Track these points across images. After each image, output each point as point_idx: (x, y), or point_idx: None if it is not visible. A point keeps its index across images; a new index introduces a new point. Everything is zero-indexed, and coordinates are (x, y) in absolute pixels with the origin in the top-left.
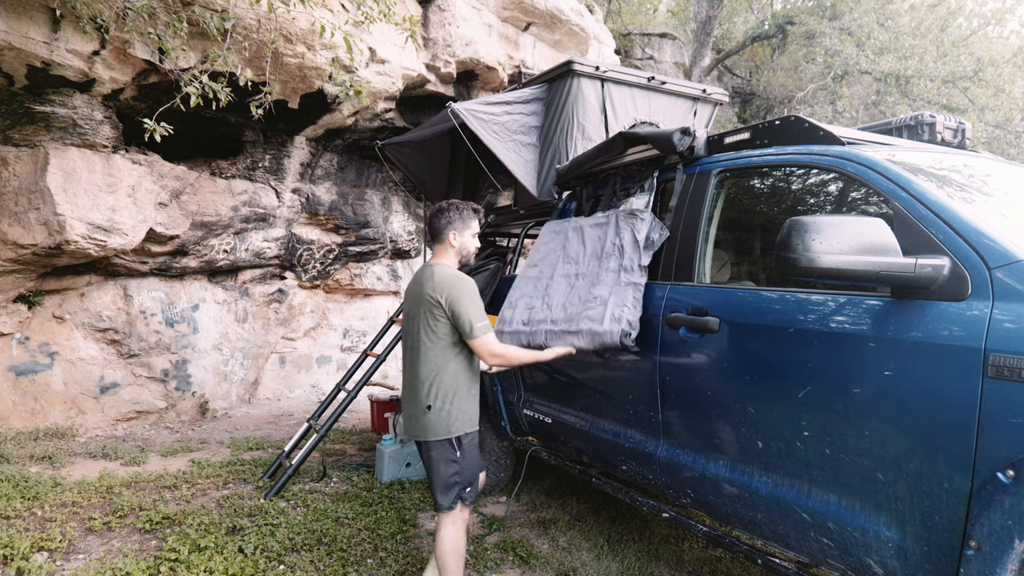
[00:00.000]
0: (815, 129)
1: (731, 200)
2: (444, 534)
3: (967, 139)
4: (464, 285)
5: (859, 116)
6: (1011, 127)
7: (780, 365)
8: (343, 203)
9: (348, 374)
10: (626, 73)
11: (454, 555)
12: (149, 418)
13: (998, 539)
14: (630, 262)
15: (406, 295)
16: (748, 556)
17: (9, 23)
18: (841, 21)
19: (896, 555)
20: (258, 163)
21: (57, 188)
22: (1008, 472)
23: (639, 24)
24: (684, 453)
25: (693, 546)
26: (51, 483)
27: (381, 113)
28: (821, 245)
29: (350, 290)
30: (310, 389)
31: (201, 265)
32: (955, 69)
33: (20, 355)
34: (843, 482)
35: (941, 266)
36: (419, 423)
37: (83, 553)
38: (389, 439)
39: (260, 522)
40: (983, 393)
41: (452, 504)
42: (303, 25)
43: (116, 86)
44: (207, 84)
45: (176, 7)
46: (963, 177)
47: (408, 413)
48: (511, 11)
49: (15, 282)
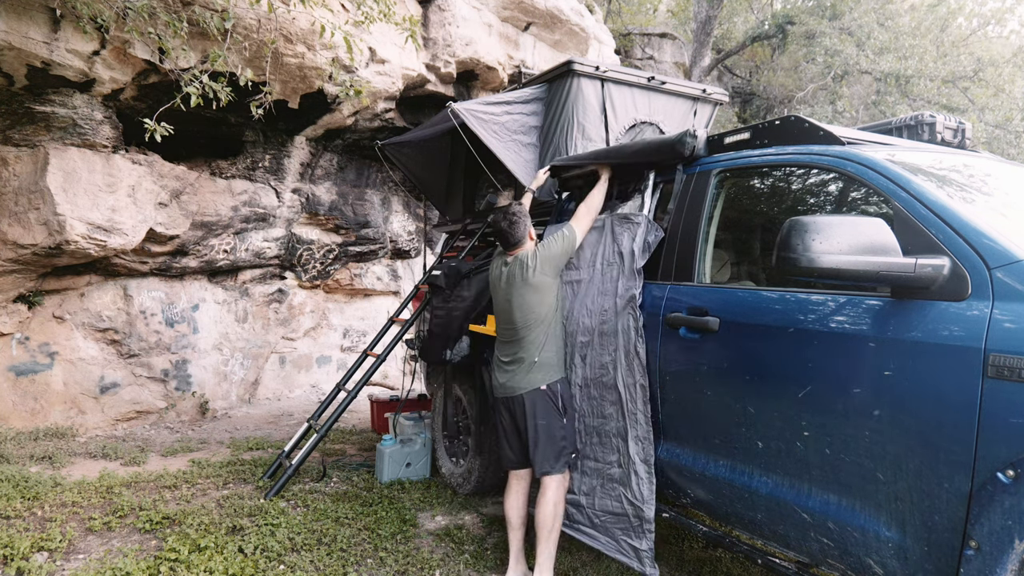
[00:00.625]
0: (815, 129)
1: (731, 200)
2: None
3: (967, 139)
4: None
5: (859, 116)
6: (1011, 127)
7: (780, 365)
8: (343, 203)
9: (348, 374)
10: (626, 73)
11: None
12: (149, 418)
13: (998, 539)
14: (629, 271)
15: (495, 287)
16: (748, 556)
17: (9, 23)
18: (841, 21)
19: (896, 555)
20: (258, 163)
21: (57, 188)
22: (1008, 472)
23: (639, 24)
24: (684, 453)
25: (693, 546)
26: (51, 483)
27: (381, 113)
28: (821, 245)
29: (350, 290)
30: (310, 389)
31: (201, 265)
32: (955, 69)
33: (20, 355)
34: (843, 482)
35: (941, 266)
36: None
37: (83, 553)
38: (389, 439)
39: (260, 522)
40: (983, 393)
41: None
42: (303, 25)
43: (116, 86)
44: (207, 84)
45: (176, 7)
46: (963, 177)
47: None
48: (511, 11)
49: (15, 282)
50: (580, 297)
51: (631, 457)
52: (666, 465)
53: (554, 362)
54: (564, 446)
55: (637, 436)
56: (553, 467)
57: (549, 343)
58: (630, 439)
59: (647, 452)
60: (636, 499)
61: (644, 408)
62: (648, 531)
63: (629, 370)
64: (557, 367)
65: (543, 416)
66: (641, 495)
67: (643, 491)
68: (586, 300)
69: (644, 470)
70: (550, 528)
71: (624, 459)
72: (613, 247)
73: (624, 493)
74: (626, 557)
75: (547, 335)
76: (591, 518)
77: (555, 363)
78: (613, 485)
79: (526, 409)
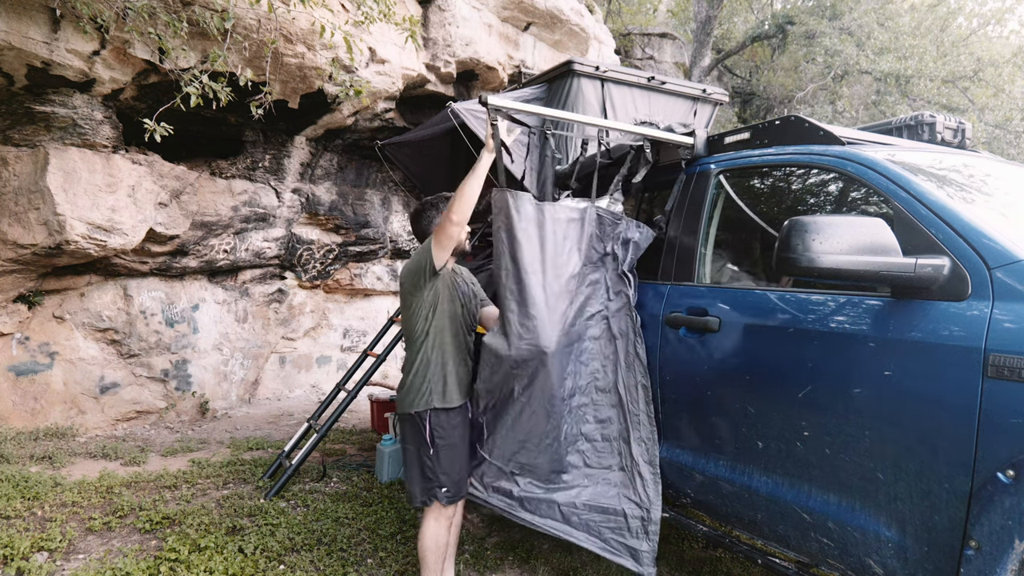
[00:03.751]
0: (815, 129)
1: (731, 200)
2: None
3: (967, 139)
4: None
5: (859, 116)
6: (1011, 127)
7: (780, 365)
8: (343, 203)
9: (348, 374)
10: (626, 73)
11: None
12: (149, 418)
13: (998, 539)
14: (617, 273)
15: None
16: (748, 556)
17: (9, 23)
18: (841, 21)
19: (896, 555)
20: (258, 163)
21: (57, 188)
22: (1008, 472)
23: (639, 24)
24: (683, 453)
25: (693, 546)
26: (51, 483)
27: (381, 113)
28: (821, 245)
29: (350, 290)
30: (310, 389)
31: (201, 265)
32: (955, 69)
33: (20, 355)
34: (843, 482)
35: (941, 266)
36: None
37: (83, 553)
38: (389, 439)
39: (260, 522)
40: (983, 393)
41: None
42: (303, 25)
43: (116, 86)
44: (207, 84)
45: (176, 7)
46: (963, 177)
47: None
48: (511, 11)
49: (15, 282)
50: (552, 301)
51: (635, 459)
52: (666, 465)
53: (421, 387)
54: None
55: (640, 437)
56: (418, 498)
57: (420, 366)
58: (632, 441)
59: (652, 453)
60: (642, 501)
61: (647, 408)
62: (653, 533)
63: (630, 371)
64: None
65: (411, 441)
66: (647, 497)
67: (649, 493)
68: (559, 305)
69: (649, 471)
70: (427, 564)
71: (627, 461)
72: (599, 245)
73: (624, 493)
74: (617, 556)
75: (418, 356)
76: (571, 517)
77: (422, 388)
78: (608, 487)
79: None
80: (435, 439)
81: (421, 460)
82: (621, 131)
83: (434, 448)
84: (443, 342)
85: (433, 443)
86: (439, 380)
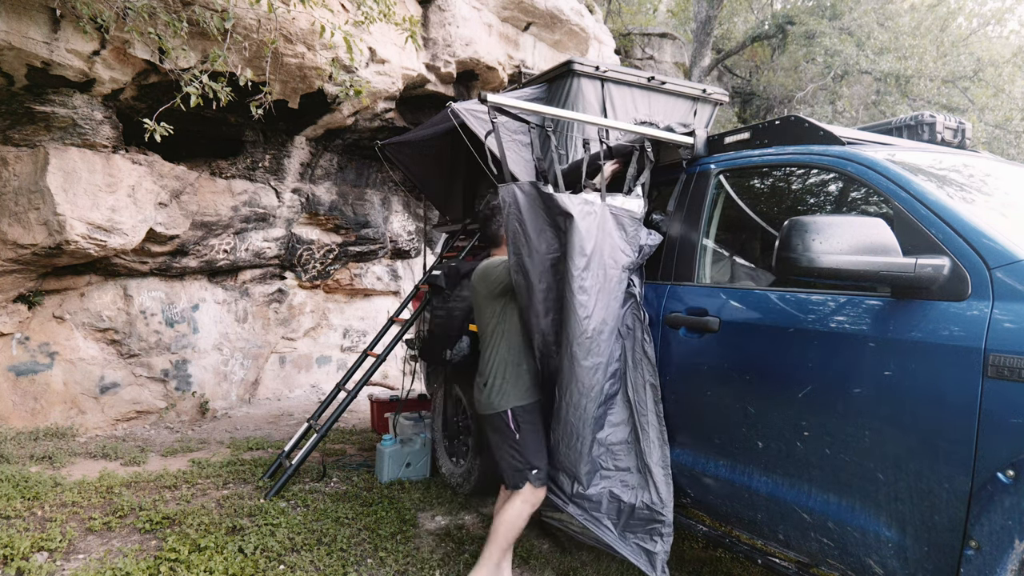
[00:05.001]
0: (815, 129)
1: (731, 200)
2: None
3: (967, 139)
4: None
5: (859, 116)
6: (1011, 127)
7: (780, 365)
8: (343, 203)
9: (348, 374)
10: (626, 73)
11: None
12: (149, 418)
13: (998, 539)
14: (624, 272)
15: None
16: (748, 556)
17: (9, 23)
18: (841, 21)
19: (896, 555)
20: (258, 163)
21: (57, 188)
22: (1008, 472)
23: (639, 24)
24: (684, 453)
25: (693, 546)
26: (51, 483)
27: (381, 113)
28: (821, 245)
29: (350, 290)
30: (310, 389)
31: (201, 265)
32: (955, 69)
33: (20, 355)
34: (843, 482)
35: (941, 266)
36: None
37: (83, 553)
38: (389, 439)
39: (260, 522)
40: (983, 393)
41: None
42: (303, 25)
43: (116, 86)
44: (207, 84)
45: (176, 7)
46: (963, 177)
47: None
48: (511, 11)
49: (15, 282)
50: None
51: (646, 461)
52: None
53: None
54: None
55: (649, 438)
56: (510, 482)
57: (497, 366)
58: (642, 441)
59: (663, 453)
60: (654, 503)
61: (656, 408)
62: (667, 535)
63: (637, 371)
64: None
65: (495, 432)
66: (660, 498)
67: (662, 494)
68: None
69: (661, 473)
70: (497, 534)
71: (640, 463)
72: (609, 242)
73: (641, 496)
74: (635, 558)
75: (496, 357)
76: (601, 518)
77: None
78: (630, 489)
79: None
80: (520, 426)
81: (509, 448)
82: (621, 130)
83: (520, 434)
84: (517, 342)
85: (519, 429)
86: (516, 378)
